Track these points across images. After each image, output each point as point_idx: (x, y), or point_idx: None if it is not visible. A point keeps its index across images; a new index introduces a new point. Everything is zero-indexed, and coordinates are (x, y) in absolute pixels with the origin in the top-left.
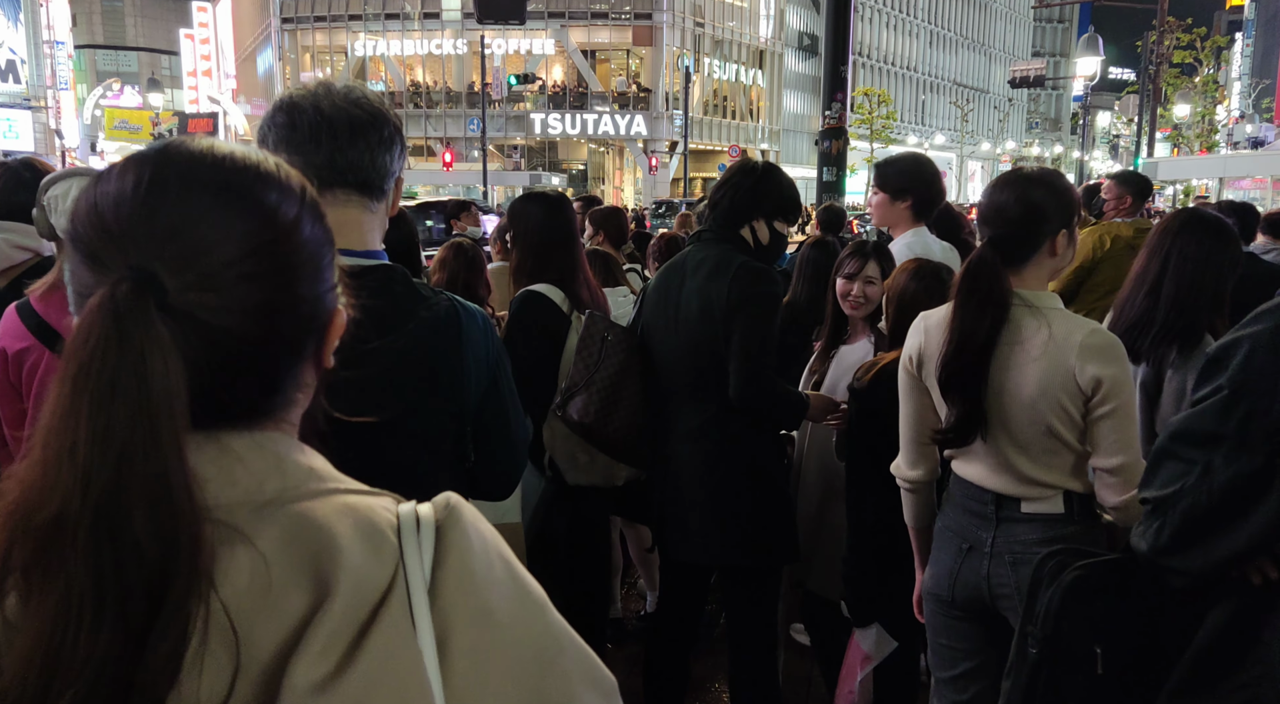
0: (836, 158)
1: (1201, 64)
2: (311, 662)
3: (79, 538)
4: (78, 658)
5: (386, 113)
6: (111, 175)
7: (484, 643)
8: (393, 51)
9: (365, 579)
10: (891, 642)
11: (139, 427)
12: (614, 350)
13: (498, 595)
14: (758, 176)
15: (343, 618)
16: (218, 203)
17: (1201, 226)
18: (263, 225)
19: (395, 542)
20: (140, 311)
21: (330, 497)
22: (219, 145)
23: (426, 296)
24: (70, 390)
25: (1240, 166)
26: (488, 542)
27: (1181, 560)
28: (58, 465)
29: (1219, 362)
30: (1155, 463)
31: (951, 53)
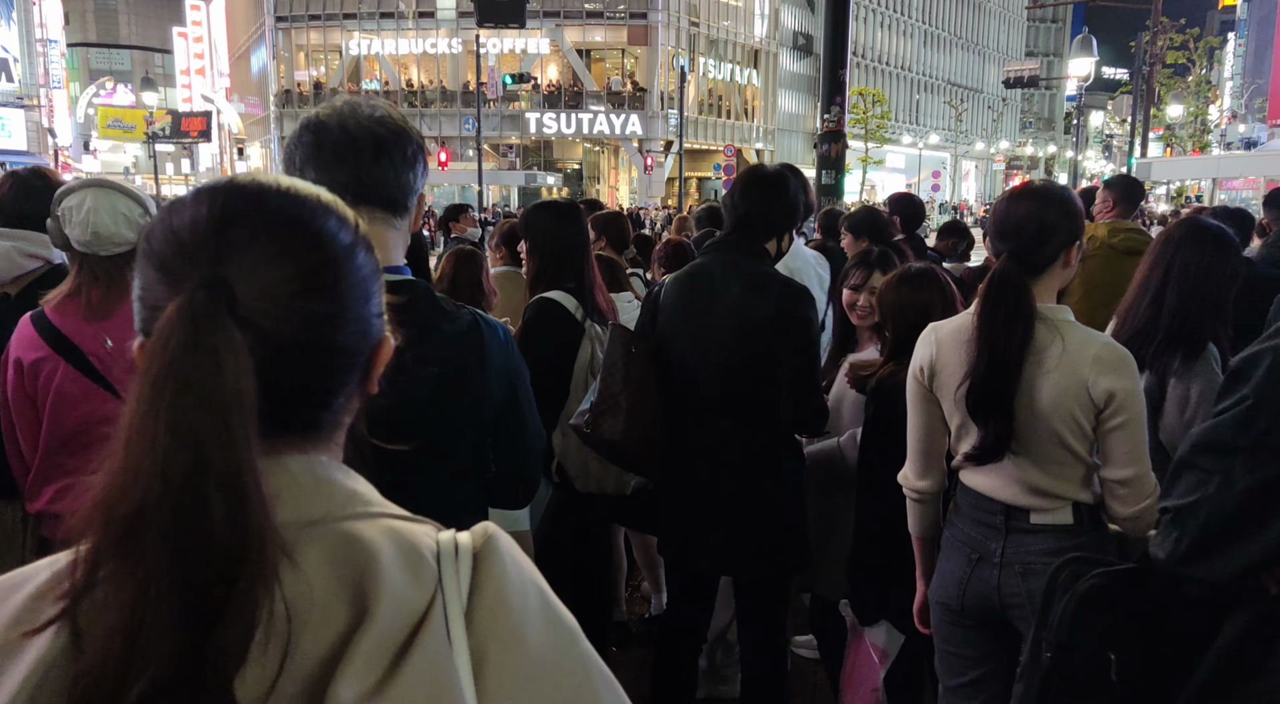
0: (835, 161)
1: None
2: (353, 678)
3: (159, 527)
4: (156, 640)
5: (410, 131)
6: (186, 204)
7: (517, 669)
8: (387, 50)
9: (405, 601)
10: (900, 637)
11: (215, 423)
12: (637, 362)
13: (532, 623)
14: (782, 187)
15: (382, 638)
16: (283, 227)
17: (1203, 236)
18: (321, 248)
19: (435, 567)
20: (215, 316)
21: (374, 520)
22: (282, 179)
23: (449, 311)
24: (150, 390)
25: (1233, 167)
26: (524, 571)
27: (1200, 569)
28: (139, 460)
29: (1241, 374)
30: (1176, 473)
31: (946, 53)
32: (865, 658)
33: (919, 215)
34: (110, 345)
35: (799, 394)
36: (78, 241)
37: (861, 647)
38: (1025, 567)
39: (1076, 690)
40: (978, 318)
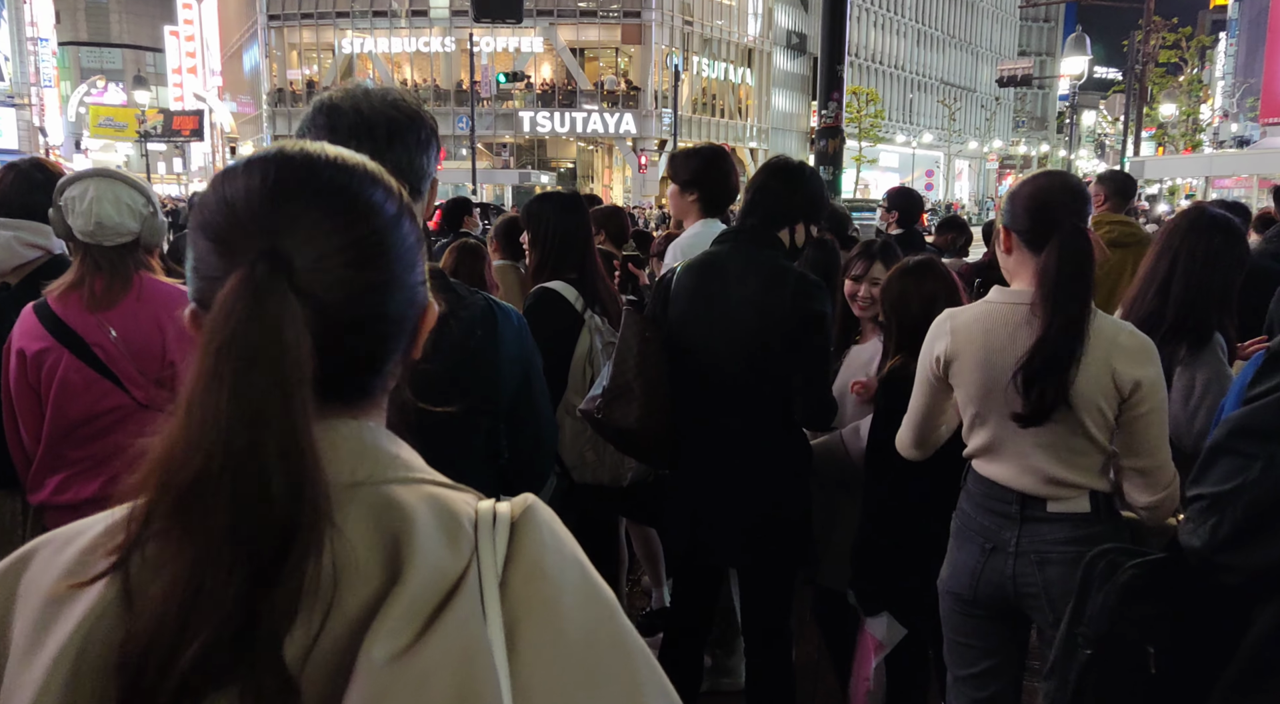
0: (833, 157)
1: (1186, 63)
2: (386, 637)
3: (221, 494)
4: (214, 602)
5: (423, 114)
6: (238, 174)
7: (551, 639)
8: (380, 49)
9: (439, 566)
10: (902, 629)
11: (275, 391)
12: (651, 350)
13: (569, 595)
14: (804, 179)
15: (414, 601)
16: (335, 198)
17: (1210, 225)
18: (371, 218)
19: (472, 534)
20: (276, 288)
21: (415, 485)
22: (328, 148)
23: (464, 296)
24: (213, 361)
25: (1226, 165)
26: (563, 542)
27: (1240, 556)
28: (201, 428)
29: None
30: (1210, 459)
31: (939, 52)
32: (865, 648)
33: (917, 209)
34: (114, 335)
35: (810, 389)
36: (81, 232)
37: (864, 637)
38: (1041, 556)
39: (1115, 685)
40: (1055, 278)
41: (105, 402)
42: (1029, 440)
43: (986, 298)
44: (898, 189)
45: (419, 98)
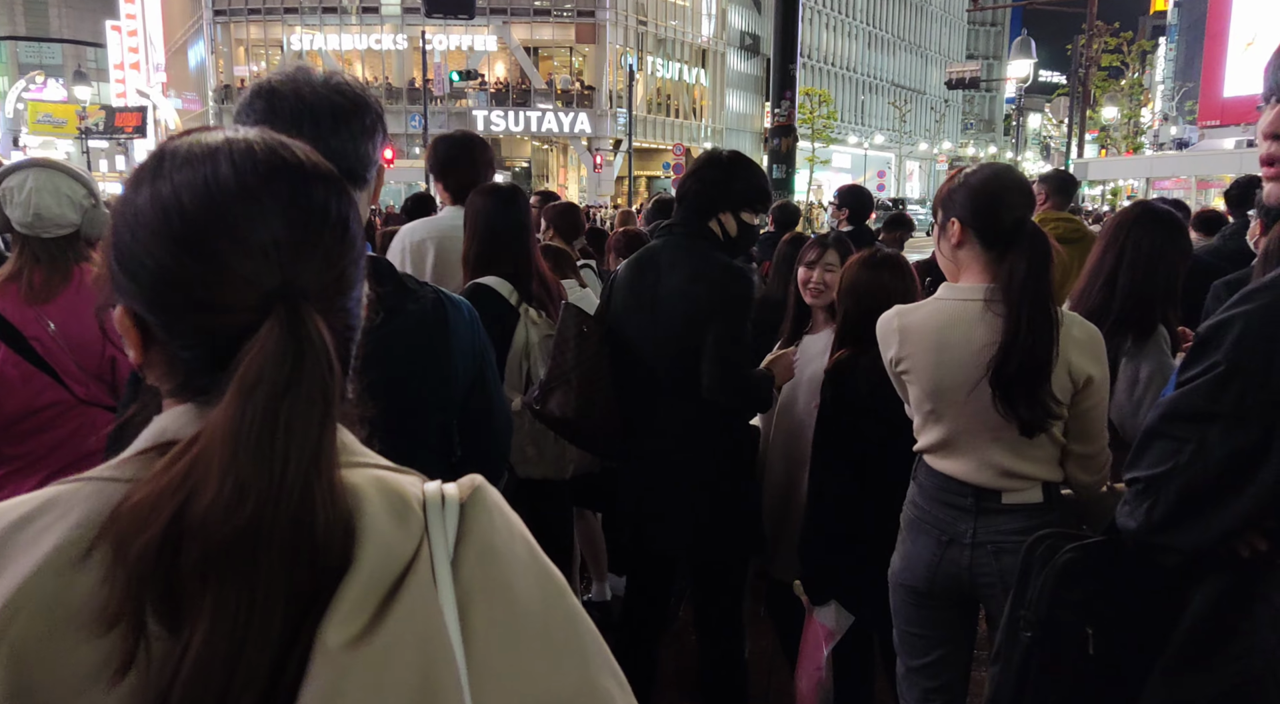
0: (786, 155)
1: (1128, 67)
2: (341, 622)
3: (274, 541)
4: (259, 664)
5: (369, 99)
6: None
7: (504, 617)
8: (330, 46)
9: (391, 548)
10: (850, 616)
11: (325, 433)
12: (590, 342)
13: (520, 575)
14: (724, 167)
15: (368, 583)
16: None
17: (1154, 220)
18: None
19: (421, 515)
20: (313, 330)
21: (361, 469)
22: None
23: (413, 289)
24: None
25: (1166, 167)
26: (511, 523)
27: (1175, 537)
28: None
29: (1211, 341)
30: (1144, 443)
31: (889, 54)
32: (814, 638)
33: (868, 207)
34: (53, 329)
35: (719, 374)
36: (19, 223)
37: (812, 627)
38: (998, 546)
39: (1057, 666)
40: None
41: (43, 397)
42: (985, 436)
43: (936, 295)
44: (849, 187)
45: (362, 84)
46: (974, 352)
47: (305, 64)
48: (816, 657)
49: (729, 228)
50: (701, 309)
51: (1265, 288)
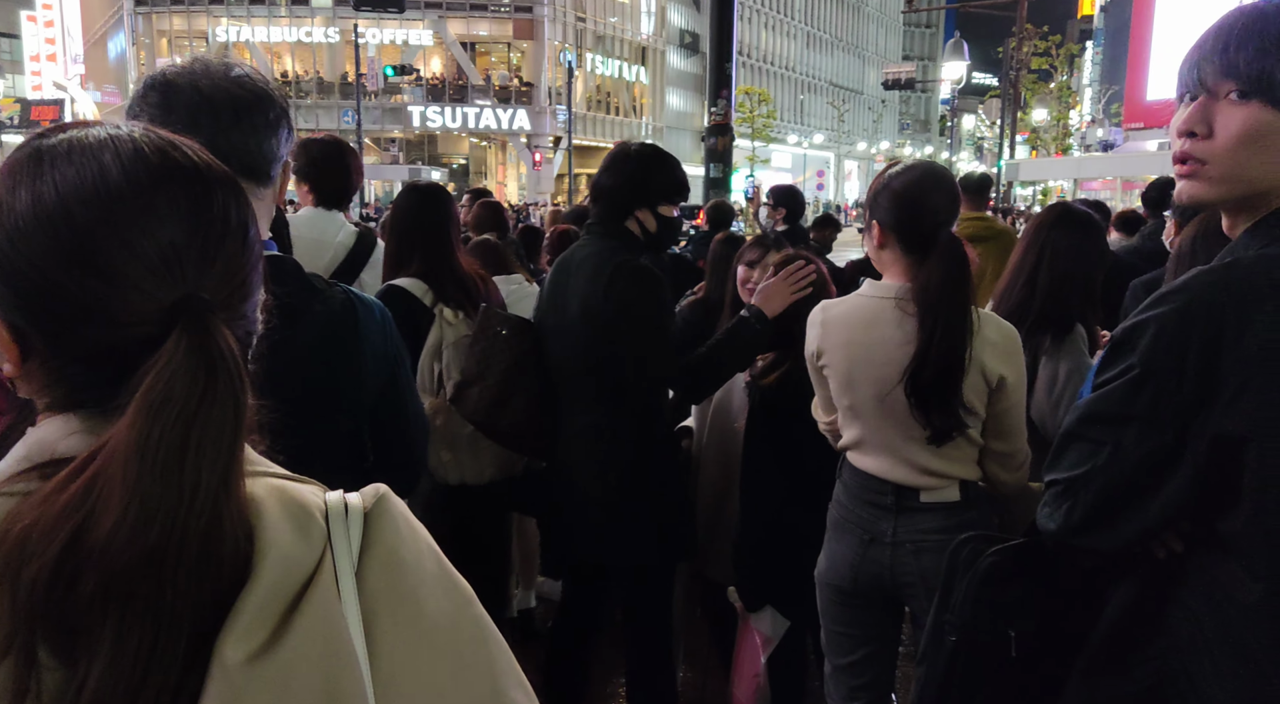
0: (722, 154)
1: (1056, 70)
2: (239, 637)
3: (180, 568)
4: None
5: (272, 93)
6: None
7: (411, 630)
8: (258, 38)
9: (292, 559)
10: (785, 621)
11: (234, 454)
12: (508, 345)
13: (426, 585)
14: (637, 163)
15: (268, 596)
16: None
17: (1072, 220)
18: (253, 253)
19: (324, 525)
20: (220, 344)
21: (258, 478)
22: (203, 158)
23: (320, 289)
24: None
25: (1093, 168)
26: (417, 533)
27: (1093, 538)
28: (161, 499)
29: (1126, 343)
30: (1063, 445)
31: (827, 54)
32: (751, 643)
33: (802, 207)
34: None
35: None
36: None
37: (748, 632)
38: (918, 545)
39: (980, 670)
40: (930, 299)
41: None
42: (902, 433)
43: (858, 292)
44: (784, 187)
45: (264, 77)
46: (890, 350)
47: (203, 55)
48: (754, 663)
49: (648, 224)
50: (597, 311)
51: (1179, 290)
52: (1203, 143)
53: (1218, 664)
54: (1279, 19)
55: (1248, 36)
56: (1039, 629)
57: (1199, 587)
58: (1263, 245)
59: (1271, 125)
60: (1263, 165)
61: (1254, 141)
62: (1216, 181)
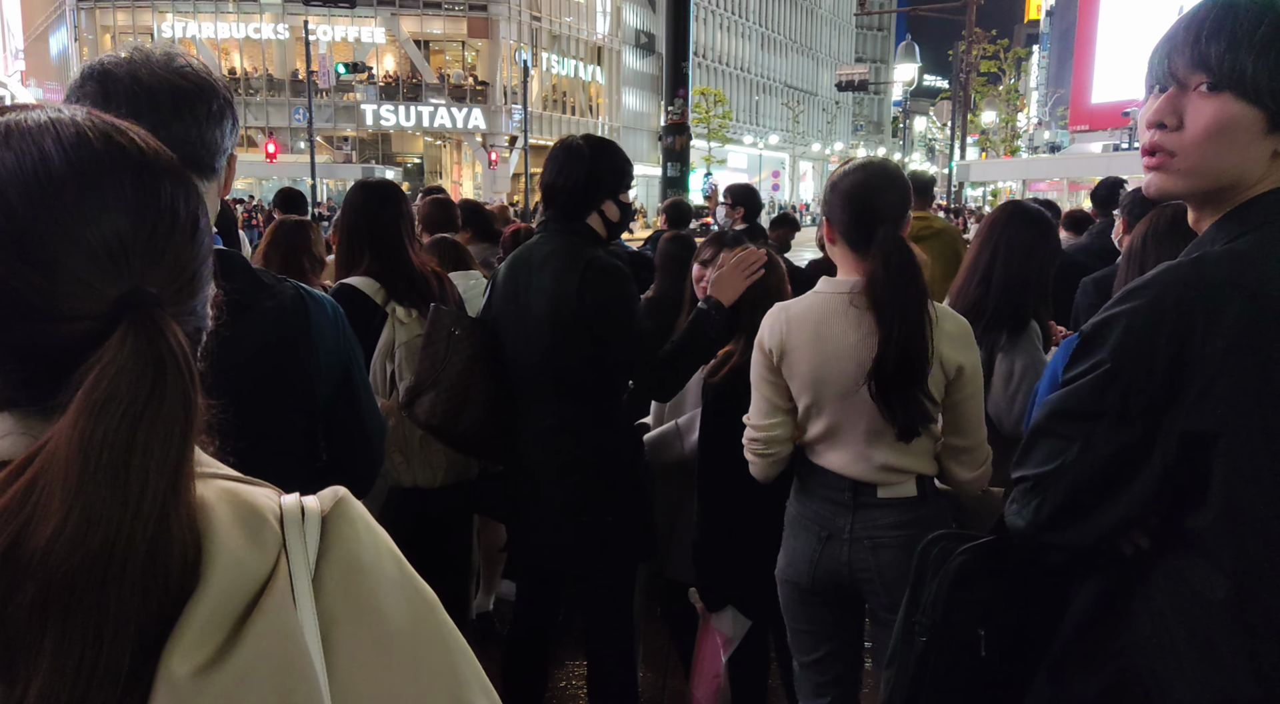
0: (680, 153)
1: (1005, 73)
2: (188, 650)
3: (127, 575)
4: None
5: (215, 83)
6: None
7: (371, 638)
8: (205, 34)
9: (244, 566)
10: (746, 622)
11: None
12: (461, 345)
13: (387, 591)
14: (593, 155)
15: (218, 605)
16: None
17: (1026, 218)
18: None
19: (278, 530)
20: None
21: (208, 480)
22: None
23: (269, 284)
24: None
25: (1040, 169)
26: (377, 537)
27: (1062, 535)
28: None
29: (1095, 339)
30: (1032, 442)
31: (782, 56)
32: (711, 644)
33: (759, 206)
34: None
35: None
36: None
37: (709, 633)
38: (874, 541)
39: (950, 669)
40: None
41: None
42: (862, 429)
43: (814, 289)
44: (742, 186)
45: (206, 67)
46: (850, 345)
47: (143, 45)
48: (715, 663)
49: (611, 214)
50: (568, 309)
51: (1147, 285)
52: (1172, 135)
53: (1183, 662)
54: (1250, 11)
55: (1219, 28)
56: (1009, 627)
57: (1166, 584)
58: (1229, 240)
59: (1241, 118)
60: (1231, 158)
61: (1223, 134)
62: (1185, 174)
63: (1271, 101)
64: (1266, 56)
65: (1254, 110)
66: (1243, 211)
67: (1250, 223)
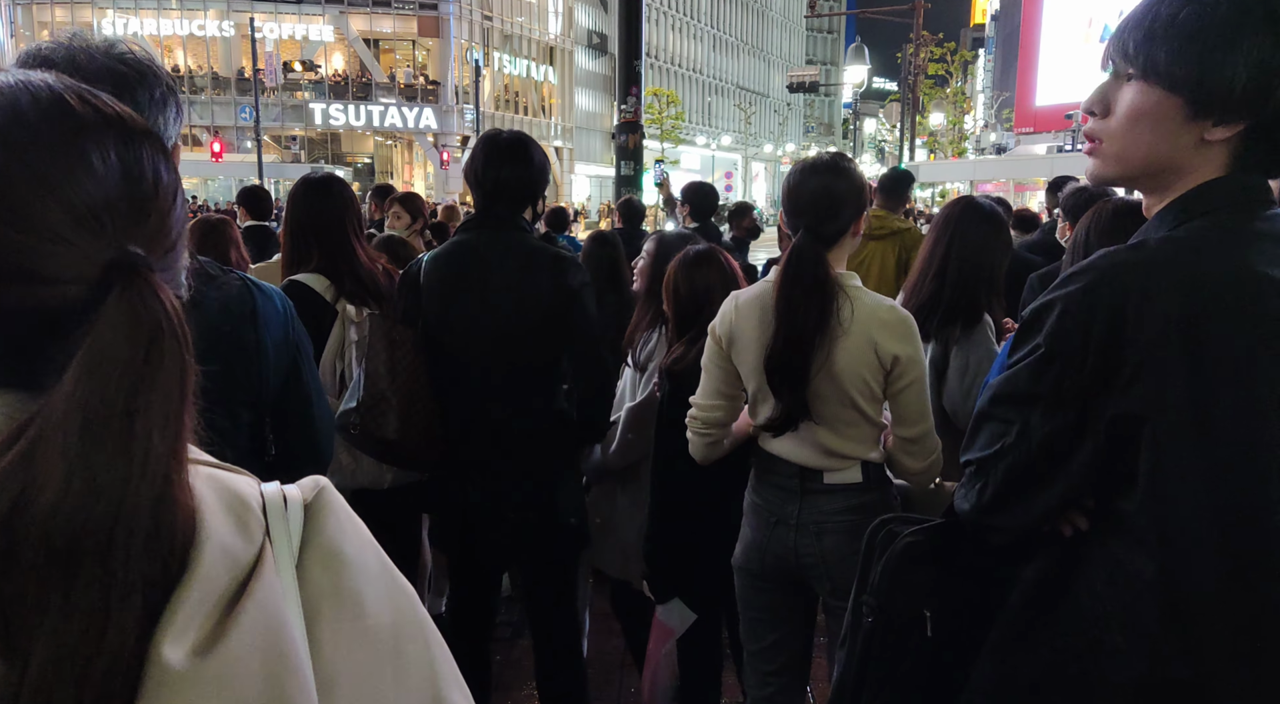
0: (634, 151)
1: (952, 76)
2: (180, 635)
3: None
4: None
5: (157, 70)
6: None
7: (354, 627)
8: (147, 31)
9: (230, 552)
10: (691, 615)
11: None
12: (403, 351)
13: (369, 582)
14: (531, 159)
15: (207, 590)
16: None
17: (978, 213)
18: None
19: (262, 518)
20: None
21: (193, 466)
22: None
23: (214, 275)
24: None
25: (987, 170)
26: (358, 528)
27: (1003, 517)
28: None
29: (1033, 323)
30: (976, 426)
31: (734, 57)
32: (659, 635)
33: (711, 204)
34: None
35: (584, 374)
36: None
37: (657, 624)
38: (819, 527)
39: (897, 649)
40: (777, 291)
41: None
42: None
43: (763, 278)
44: (693, 185)
45: (149, 54)
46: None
47: (83, 32)
48: (655, 655)
49: (535, 210)
50: (535, 302)
51: (1085, 270)
52: (1100, 122)
53: (1117, 641)
54: (1171, 4)
55: (1141, 19)
56: (954, 608)
57: (1102, 564)
58: (1171, 228)
59: (1157, 105)
60: (1153, 143)
61: (1140, 120)
62: (1111, 159)
63: (1186, 88)
64: (1176, 44)
65: (1170, 97)
66: (1186, 200)
67: (1192, 212)
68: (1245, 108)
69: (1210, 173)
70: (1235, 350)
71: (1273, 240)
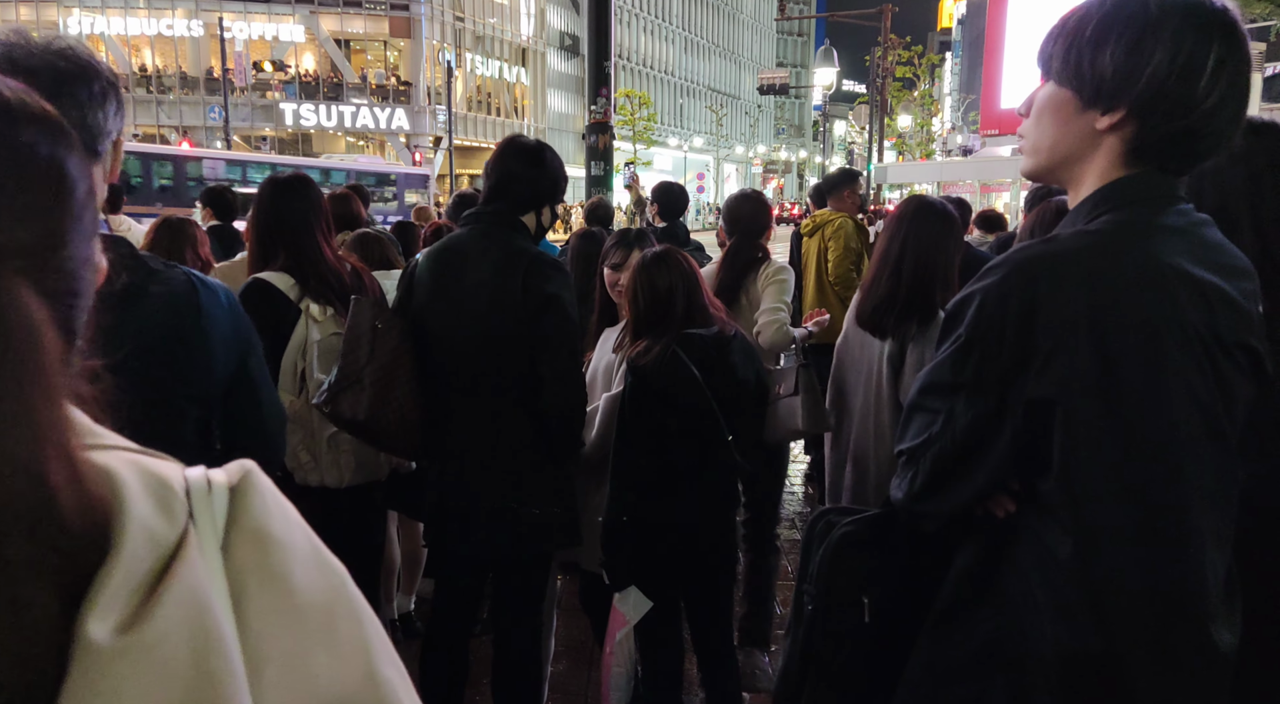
0: (604, 152)
1: (919, 79)
2: (103, 613)
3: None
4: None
5: (98, 64)
6: None
7: (282, 607)
8: (114, 30)
9: (153, 532)
10: (648, 602)
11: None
12: (386, 337)
13: (298, 562)
14: (552, 158)
15: (130, 569)
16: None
17: (930, 212)
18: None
19: (185, 501)
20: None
21: (110, 451)
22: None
23: (157, 270)
24: None
25: (954, 172)
26: (286, 510)
27: (933, 503)
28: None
29: (956, 315)
30: (908, 418)
31: (705, 59)
32: (614, 623)
33: (680, 204)
34: None
35: (557, 381)
36: None
37: (615, 613)
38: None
39: (836, 636)
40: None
41: None
42: None
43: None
44: (662, 185)
45: (90, 50)
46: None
47: (21, 27)
48: (610, 642)
49: (544, 219)
50: (512, 302)
51: (1001, 264)
52: (1024, 121)
53: (1041, 617)
54: (1078, 13)
55: (1051, 30)
56: (892, 594)
57: (1028, 546)
58: (1086, 222)
59: (1055, 98)
60: (1054, 134)
61: (1043, 114)
62: (1030, 153)
63: (1075, 83)
64: (1065, 44)
65: (1062, 90)
66: (1098, 196)
67: (1105, 206)
68: (1119, 93)
69: (1108, 162)
70: (1142, 337)
71: (1179, 233)
